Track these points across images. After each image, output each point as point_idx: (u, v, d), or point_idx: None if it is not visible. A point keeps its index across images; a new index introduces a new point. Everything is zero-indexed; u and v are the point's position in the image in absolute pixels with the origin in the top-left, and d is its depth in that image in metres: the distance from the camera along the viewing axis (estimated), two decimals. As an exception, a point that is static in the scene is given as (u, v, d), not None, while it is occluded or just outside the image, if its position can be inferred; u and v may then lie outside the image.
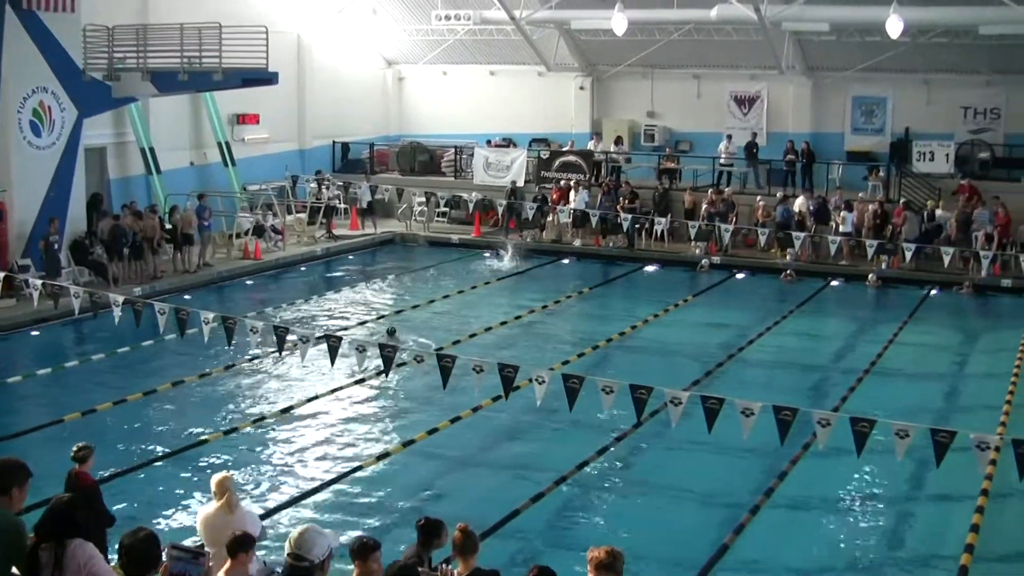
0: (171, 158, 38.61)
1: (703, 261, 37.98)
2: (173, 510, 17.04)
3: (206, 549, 11.27)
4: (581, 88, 48.88)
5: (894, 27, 35.55)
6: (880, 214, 37.87)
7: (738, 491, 18.43)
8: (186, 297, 31.64)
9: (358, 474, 18.81)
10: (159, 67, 33.50)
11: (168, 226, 34.42)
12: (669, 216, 39.80)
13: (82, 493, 13.28)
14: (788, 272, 36.51)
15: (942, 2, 38.18)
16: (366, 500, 17.84)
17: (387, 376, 19.70)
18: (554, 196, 41.86)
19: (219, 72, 32.71)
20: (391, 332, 27.38)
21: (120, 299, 20.57)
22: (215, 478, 12.12)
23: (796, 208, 38.80)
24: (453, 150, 47.09)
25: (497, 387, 16.97)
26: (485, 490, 18.46)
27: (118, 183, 36.89)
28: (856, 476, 18.93)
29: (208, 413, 21.99)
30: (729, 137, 43.89)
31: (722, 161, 43.29)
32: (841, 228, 37.52)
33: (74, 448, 13.81)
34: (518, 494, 17.68)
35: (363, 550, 9.89)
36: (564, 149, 45.32)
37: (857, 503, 18.32)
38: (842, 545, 16.85)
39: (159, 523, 16.19)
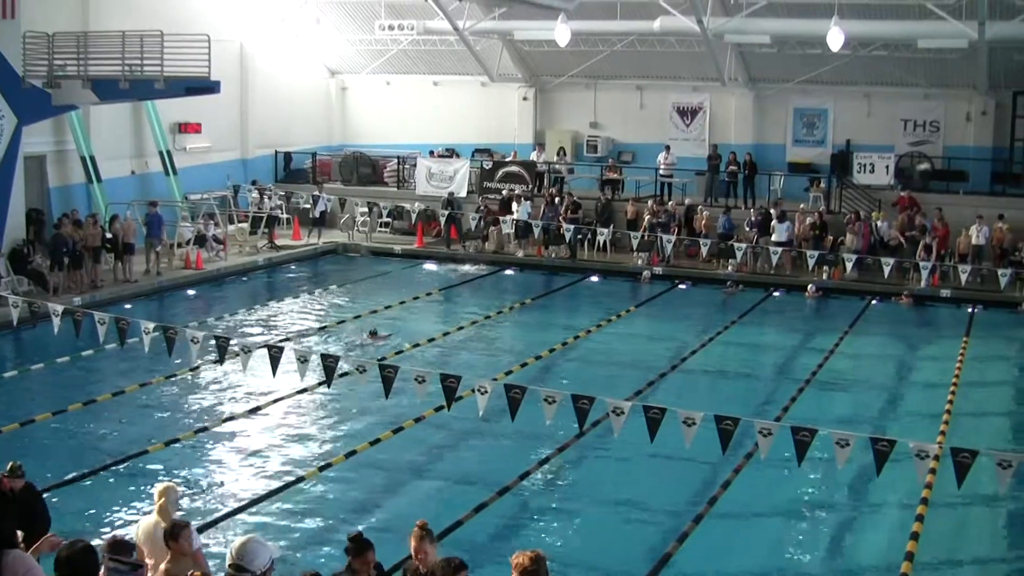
0: (112, 167, 38.30)
1: (644, 272, 38.10)
2: (113, 522, 16.85)
3: (145, 560, 11.17)
4: (524, 99, 48.94)
5: (835, 40, 35.79)
6: (820, 225, 38.16)
7: (681, 500, 18.49)
8: (127, 307, 31.37)
9: (300, 485, 18.72)
10: (100, 75, 33.18)
11: (108, 235, 34.12)
12: (612, 227, 39.90)
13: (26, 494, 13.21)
14: (729, 285, 36.70)
15: (882, 16, 38.63)
16: (308, 511, 17.74)
17: (329, 386, 19.60)
18: (487, 213, 41.62)
19: (161, 80, 32.44)
20: (373, 333, 28.85)
21: (60, 309, 20.37)
22: (157, 488, 12.01)
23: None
24: (396, 160, 46.99)
25: (440, 397, 16.94)
26: (427, 500, 18.39)
27: (58, 192, 36.50)
28: (797, 485, 19.04)
29: (149, 423, 21.82)
30: (668, 148, 43.99)
31: (662, 172, 43.39)
32: (774, 237, 37.79)
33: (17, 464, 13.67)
34: (461, 504, 17.65)
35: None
36: (507, 160, 45.38)
37: (799, 512, 18.41)
38: (784, 553, 16.94)
39: (99, 534, 16.01)
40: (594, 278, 38.72)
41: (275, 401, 23.09)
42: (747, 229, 38.92)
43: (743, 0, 39.46)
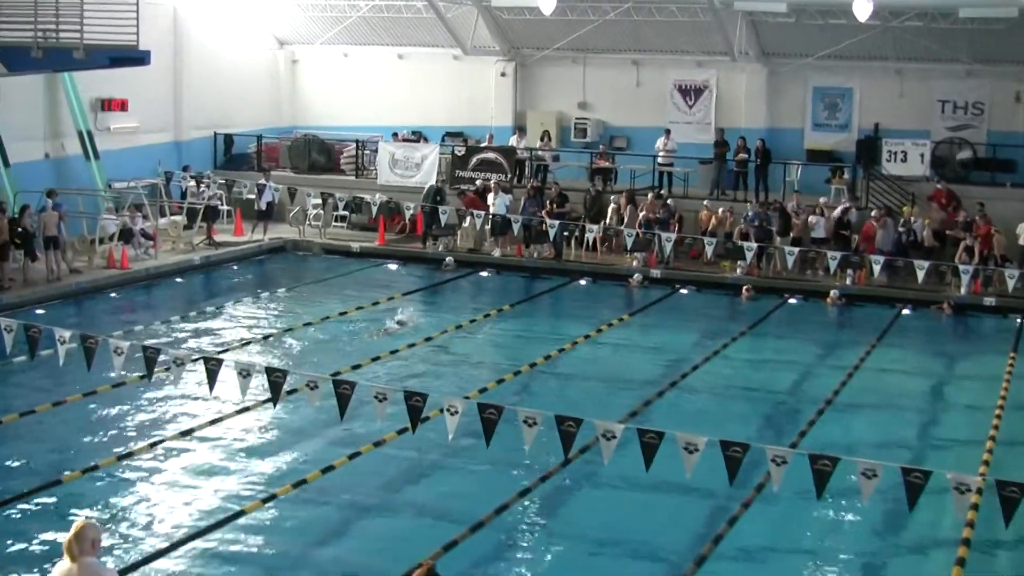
0: (22, 149, 38.15)
1: (634, 275, 38.14)
2: (20, 565, 16.70)
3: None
4: (503, 75, 48.97)
5: (862, 9, 35.88)
6: (845, 221, 38.21)
7: (681, 539, 18.43)
8: (39, 312, 31.23)
9: (240, 520, 18.55)
10: (8, 42, 32.97)
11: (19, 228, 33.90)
12: (602, 223, 39.84)
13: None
14: (748, 287, 36.67)
15: (917, -19, 38.74)
16: (249, 550, 17.64)
17: (275, 405, 19.51)
18: (464, 203, 41.65)
19: (80, 49, 32.24)
20: (400, 323, 30.63)
21: (-41, 314, 20.27)
22: (74, 526, 11.82)
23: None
24: (354, 145, 47.01)
25: (403, 418, 16.88)
26: (389, 538, 18.33)
27: (-41, 178, 36.42)
28: (816, 522, 19.01)
29: (64, 448, 21.66)
30: (668, 132, 44.04)
31: (660, 160, 43.42)
32: (812, 234, 37.96)
33: None
34: (427, 542, 17.52)
35: None
36: (482, 145, 45.34)
37: (818, 553, 18.32)
38: (800, 602, 16.92)
39: (3, 577, 15.94)
40: (582, 281, 38.83)
41: (212, 422, 22.95)
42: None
43: (756, -39, 39.64)
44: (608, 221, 40.09)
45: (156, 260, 38.07)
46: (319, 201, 43.25)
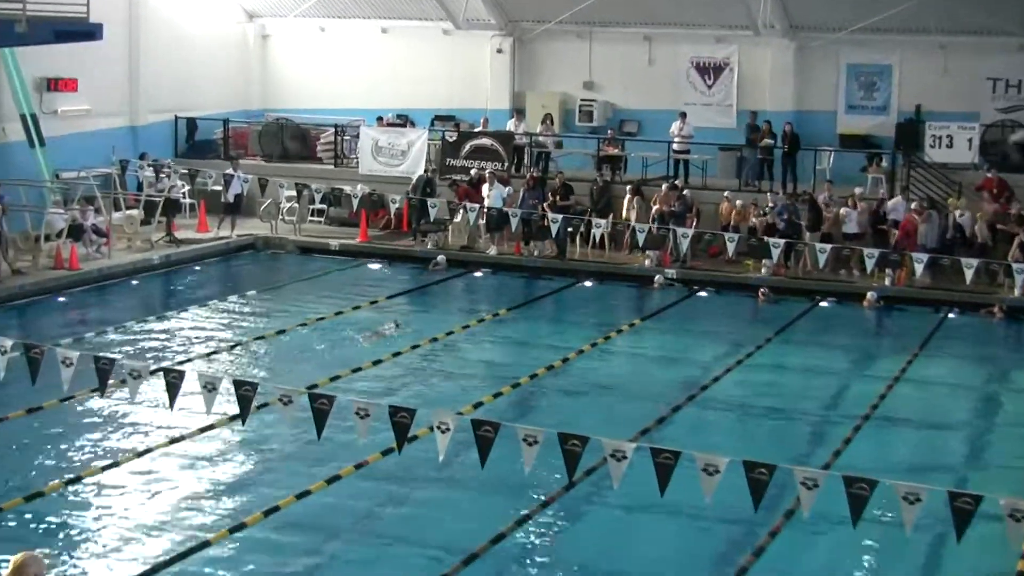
0: (-41, 135, 38.16)
1: (657, 276, 38.05)
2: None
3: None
4: (499, 51, 48.97)
5: (902, -24, 35.89)
6: (883, 214, 38.14)
7: (700, 571, 18.45)
8: (-24, 318, 31.29)
9: (204, 552, 18.48)
10: (-57, 15, 33.04)
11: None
12: (611, 217, 39.79)
13: None
14: (764, 289, 36.64)
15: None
16: (213, 586, 17.60)
17: (244, 422, 19.44)
18: (458, 194, 41.66)
19: (23, 22, 32.21)
20: (396, 325, 31.02)
21: None
22: (13, 560, 11.78)
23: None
24: (332, 130, 46.98)
25: (388, 437, 16.81)
26: (371, 572, 18.29)
27: None
28: (852, 552, 18.90)
29: (4, 472, 21.62)
30: (683, 116, 43.99)
31: (675, 147, 43.37)
32: (844, 229, 37.90)
33: None
34: (414, 576, 17.55)
35: None
36: (476, 130, 45.34)
37: (853, 588, 18.32)
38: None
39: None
40: (588, 282, 38.82)
41: (172, 442, 22.88)
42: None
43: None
44: (624, 215, 40.08)
45: (110, 259, 38.00)
46: (293, 193, 43.07)
